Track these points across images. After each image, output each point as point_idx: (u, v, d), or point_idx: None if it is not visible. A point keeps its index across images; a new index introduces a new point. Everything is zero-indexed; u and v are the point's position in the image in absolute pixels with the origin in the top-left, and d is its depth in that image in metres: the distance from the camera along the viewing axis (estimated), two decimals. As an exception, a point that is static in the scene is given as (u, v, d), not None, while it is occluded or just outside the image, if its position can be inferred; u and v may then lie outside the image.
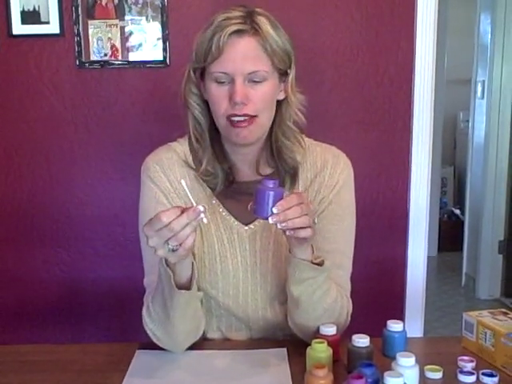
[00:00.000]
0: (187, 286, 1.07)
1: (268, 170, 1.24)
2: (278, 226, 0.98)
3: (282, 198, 0.98)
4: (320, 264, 1.08)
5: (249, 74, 1.11)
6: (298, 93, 1.21)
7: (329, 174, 1.23)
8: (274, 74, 1.15)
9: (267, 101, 1.15)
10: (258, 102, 1.12)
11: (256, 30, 1.11)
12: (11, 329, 2.11)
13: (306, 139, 1.26)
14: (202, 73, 1.17)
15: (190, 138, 1.23)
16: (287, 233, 1.00)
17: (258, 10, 1.15)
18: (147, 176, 1.22)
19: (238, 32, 1.10)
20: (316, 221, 1.05)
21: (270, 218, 0.97)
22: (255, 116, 1.13)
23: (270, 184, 0.98)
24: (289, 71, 1.18)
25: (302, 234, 1.00)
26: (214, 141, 1.22)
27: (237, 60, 1.10)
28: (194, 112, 1.20)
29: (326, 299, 1.13)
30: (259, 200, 0.98)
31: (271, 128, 1.21)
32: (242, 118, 1.12)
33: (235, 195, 1.23)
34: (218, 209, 1.23)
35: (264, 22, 1.12)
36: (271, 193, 0.97)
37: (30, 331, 2.12)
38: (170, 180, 1.22)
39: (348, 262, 1.24)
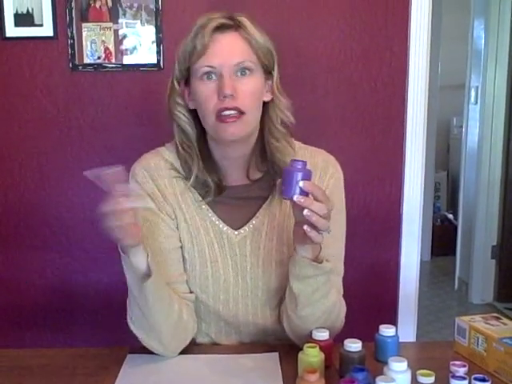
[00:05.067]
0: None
1: (258, 175, 1.23)
2: (304, 212, 0.97)
3: (309, 179, 0.98)
4: (320, 262, 1.08)
5: (235, 65, 1.12)
6: (282, 97, 1.21)
7: (319, 177, 1.22)
8: (260, 70, 1.16)
9: (255, 96, 1.15)
10: (246, 96, 1.12)
11: (239, 26, 1.13)
12: (1, 333, 2.09)
13: (296, 142, 1.26)
14: (186, 81, 1.18)
15: (177, 149, 1.22)
16: (304, 227, 0.99)
17: (240, 14, 1.17)
18: (135, 181, 1.21)
19: (221, 28, 1.13)
20: (329, 231, 1.03)
21: (294, 197, 0.97)
22: (244, 113, 1.12)
23: (299, 165, 0.98)
24: (273, 72, 1.18)
25: (314, 235, 1.00)
26: (202, 151, 1.21)
27: (223, 53, 1.12)
28: (181, 123, 1.20)
29: (324, 302, 1.13)
30: (287, 180, 0.98)
31: (260, 131, 1.20)
32: (232, 112, 1.11)
33: (225, 200, 1.22)
34: (207, 214, 1.22)
35: (246, 21, 1.15)
36: (299, 173, 0.97)
37: (21, 335, 2.10)
38: (157, 185, 1.21)
39: (340, 265, 1.24)
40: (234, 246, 1.22)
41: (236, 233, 1.22)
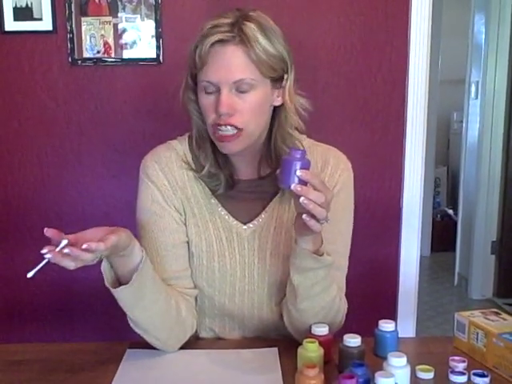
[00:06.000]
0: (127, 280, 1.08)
1: (268, 170, 1.23)
2: (300, 200, 0.96)
3: (308, 168, 0.98)
4: (320, 254, 1.08)
5: (234, 82, 1.09)
6: (300, 97, 1.19)
7: (329, 174, 1.22)
8: (265, 82, 1.12)
9: (255, 111, 1.12)
10: (245, 113, 1.10)
11: (241, 39, 1.07)
12: (1, 328, 2.09)
13: (307, 140, 1.25)
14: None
15: (190, 139, 1.23)
16: (303, 216, 0.98)
17: (251, 14, 1.11)
18: (145, 174, 1.22)
19: (221, 41, 1.08)
20: (328, 220, 1.02)
21: (292, 185, 0.96)
22: (241, 129, 1.11)
23: (298, 154, 0.98)
24: (285, 76, 1.15)
25: (312, 224, 0.99)
26: (214, 145, 1.20)
27: (221, 69, 1.08)
28: (194, 118, 1.20)
29: (324, 297, 1.13)
30: (285, 169, 0.98)
31: (270, 132, 1.19)
32: (228, 131, 1.10)
33: (235, 194, 1.22)
34: (216, 208, 1.23)
35: (252, 29, 1.08)
36: (298, 163, 0.97)
37: (21, 331, 2.10)
38: (167, 178, 1.21)
39: (345, 262, 1.25)
40: (242, 241, 1.22)
41: (245, 227, 1.23)
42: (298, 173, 0.96)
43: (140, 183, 1.24)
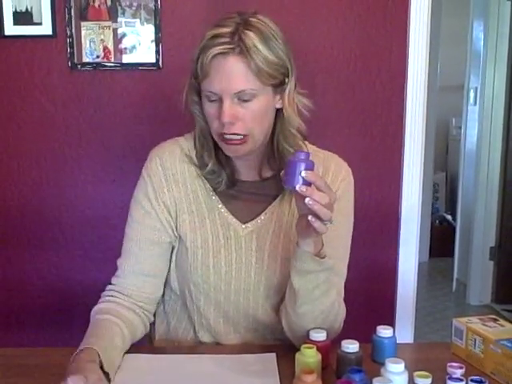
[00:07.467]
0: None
1: (270, 173, 1.24)
2: (305, 201, 0.97)
3: (312, 170, 0.98)
4: (322, 257, 1.08)
5: (236, 93, 1.10)
6: (302, 96, 1.20)
7: (330, 181, 1.22)
8: (266, 89, 1.13)
9: (258, 118, 1.14)
10: (248, 121, 1.12)
11: (241, 49, 1.08)
12: (0, 333, 2.09)
13: (309, 146, 1.26)
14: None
15: (195, 139, 1.24)
16: (308, 217, 0.99)
17: (251, 19, 1.12)
18: (146, 167, 1.25)
19: (222, 53, 1.09)
20: (333, 221, 1.02)
21: (297, 186, 0.97)
22: (246, 135, 1.13)
23: (302, 155, 0.99)
24: (286, 80, 1.16)
25: (317, 225, 0.99)
26: (217, 145, 1.21)
27: (222, 80, 1.10)
28: (197, 119, 1.21)
29: (324, 301, 1.13)
30: (290, 170, 0.98)
31: (273, 133, 1.20)
32: (234, 137, 1.13)
33: (236, 194, 1.24)
34: (216, 205, 1.24)
35: (252, 38, 1.09)
36: (302, 164, 0.98)
37: (19, 334, 2.10)
38: (166, 174, 1.23)
39: (344, 268, 1.25)
40: (239, 240, 1.23)
41: (243, 226, 1.23)
42: (303, 174, 0.97)
43: (140, 175, 1.26)
